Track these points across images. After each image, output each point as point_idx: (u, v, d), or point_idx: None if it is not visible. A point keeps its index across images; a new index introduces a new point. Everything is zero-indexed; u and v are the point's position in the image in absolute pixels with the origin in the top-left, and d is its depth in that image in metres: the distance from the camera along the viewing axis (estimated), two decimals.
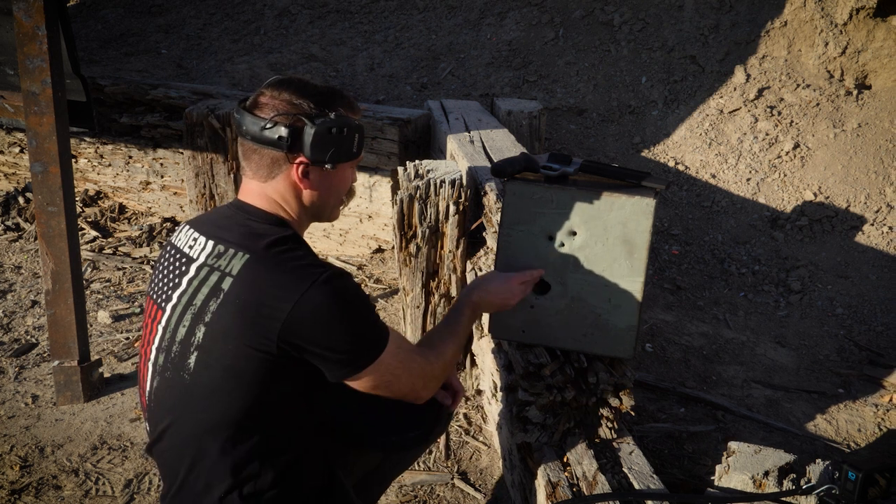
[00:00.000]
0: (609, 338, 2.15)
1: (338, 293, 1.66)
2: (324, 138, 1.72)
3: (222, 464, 1.69)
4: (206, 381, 1.69)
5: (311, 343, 1.64)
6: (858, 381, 3.69)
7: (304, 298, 1.61)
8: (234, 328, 1.65)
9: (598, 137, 5.63)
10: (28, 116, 3.21)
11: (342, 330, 1.66)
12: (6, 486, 2.81)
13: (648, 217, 2.05)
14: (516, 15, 6.47)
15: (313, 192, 1.80)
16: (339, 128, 1.73)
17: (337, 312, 1.65)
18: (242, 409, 1.68)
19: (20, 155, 5.71)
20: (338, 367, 1.70)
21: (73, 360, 3.34)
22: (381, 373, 1.74)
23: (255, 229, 1.75)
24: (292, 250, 1.72)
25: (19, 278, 4.57)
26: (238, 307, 1.66)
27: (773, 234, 4.87)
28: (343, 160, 1.79)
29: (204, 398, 1.70)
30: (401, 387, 1.82)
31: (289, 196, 1.80)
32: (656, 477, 2.07)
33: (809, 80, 5.60)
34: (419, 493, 2.79)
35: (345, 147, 1.76)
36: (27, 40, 3.14)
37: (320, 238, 4.99)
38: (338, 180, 1.84)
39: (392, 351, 1.75)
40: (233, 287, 1.67)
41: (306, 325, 1.62)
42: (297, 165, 1.75)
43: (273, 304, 1.62)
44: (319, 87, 1.81)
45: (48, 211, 3.27)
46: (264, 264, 1.68)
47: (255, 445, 1.70)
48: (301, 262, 1.69)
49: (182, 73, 6.45)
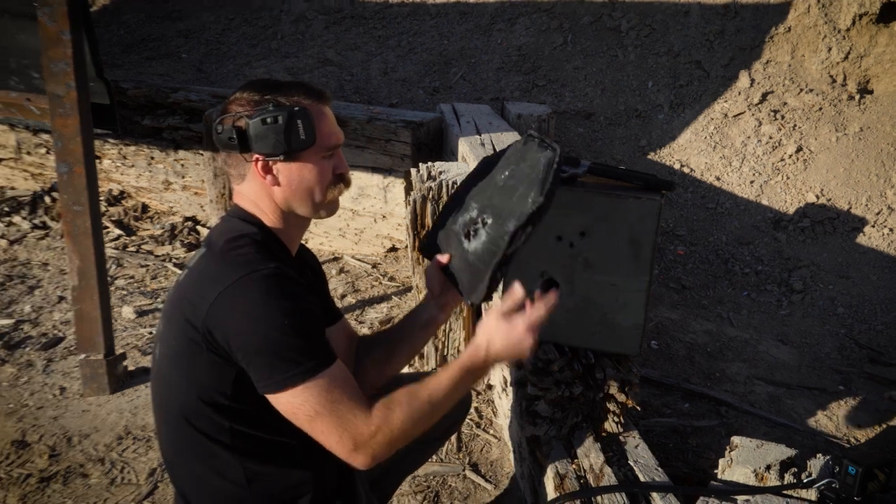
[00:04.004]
0: (616, 335, 2.16)
1: (268, 291, 1.56)
2: (262, 130, 1.63)
3: (194, 453, 1.70)
4: (163, 371, 1.73)
5: (228, 334, 1.55)
6: (859, 378, 3.68)
7: (231, 288, 1.56)
8: (174, 315, 1.67)
9: (605, 140, 5.63)
10: (53, 118, 3.23)
11: (261, 330, 1.54)
12: (35, 474, 2.84)
13: (654, 218, 2.05)
14: (526, 21, 6.47)
15: (281, 188, 1.71)
16: (274, 116, 1.62)
17: (261, 310, 1.55)
18: (190, 400, 1.65)
19: (46, 156, 5.75)
20: (256, 374, 1.58)
21: (99, 353, 3.37)
22: (299, 402, 1.56)
23: (227, 227, 1.73)
24: (242, 247, 1.65)
25: (46, 275, 4.61)
26: (178, 296, 1.67)
27: (775, 235, 4.86)
28: (295, 148, 1.66)
29: (162, 387, 1.74)
30: (323, 433, 1.59)
31: (261, 195, 1.74)
32: (661, 470, 2.07)
33: (812, 84, 5.59)
34: (432, 484, 2.80)
35: (291, 135, 1.64)
36: (52, 44, 3.16)
37: (336, 237, 5.01)
38: (305, 172, 1.71)
39: (323, 385, 1.56)
40: (183, 279, 1.70)
41: (226, 315, 1.56)
42: (255, 162, 1.69)
43: (202, 293, 1.59)
44: (269, 82, 1.73)
45: (74, 210, 3.29)
46: (212, 258, 1.66)
47: (226, 437, 1.67)
48: (244, 257, 1.62)
49: (202, 76, 6.48)
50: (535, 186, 1.73)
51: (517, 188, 1.78)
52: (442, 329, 3.40)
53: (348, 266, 4.80)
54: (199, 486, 1.74)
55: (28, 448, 3.00)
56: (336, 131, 1.75)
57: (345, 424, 1.58)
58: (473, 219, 1.86)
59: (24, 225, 5.28)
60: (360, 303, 4.30)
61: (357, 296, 4.39)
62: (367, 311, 4.20)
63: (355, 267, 4.78)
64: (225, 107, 1.71)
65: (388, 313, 4.14)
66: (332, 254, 4.96)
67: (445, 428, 2.32)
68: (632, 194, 2.06)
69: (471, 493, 2.77)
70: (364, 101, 6.00)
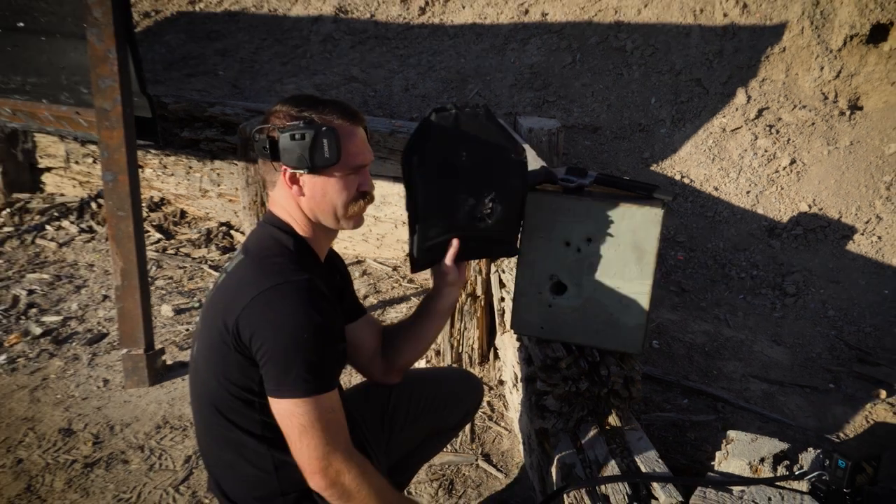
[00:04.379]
0: (620, 334, 2.15)
1: (295, 304, 1.57)
2: (289, 144, 1.63)
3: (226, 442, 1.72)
4: (199, 366, 1.73)
5: (253, 337, 1.57)
6: (848, 377, 3.65)
7: (263, 294, 1.57)
8: (209, 315, 1.68)
9: (611, 153, 5.61)
10: (100, 130, 3.26)
11: (281, 339, 1.55)
12: (80, 460, 2.86)
13: (657, 225, 2.04)
14: (537, 41, 6.46)
15: (306, 198, 1.71)
16: (301, 133, 1.62)
17: (286, 321, 1.55)
18: (222, 395, 1.66)
19: (93, 165, 5.79)
20: (266, 376, 1.59)
21: (140, 348, 3.39)
22: (298, 412, 1.57)
23: (263, 235, 1.74)
24: (276, 256, 1.67)
25: (92, 275, 4.64)
26: (215, 298, 1.69)
27: (770, 242, 4.83)
28: (319, 165, 1.65)
29: (198, 381, 1.75)
30: (306, 447, 1.59)
31: (290, 204, 1.74)
32: (661, 462, 2.06)
33: (806, 101, 5.55)
34: (447, 472, 2.80)
35: (315, 152, 1.63)
36: (99, 62, 3.18)
37: (359, 242, 5.01)
38: (328, 187, 1.69)
39: (323, 405, 1.58)
40: (220, 282, 1.72)
41: (255, 319, 1.56)
42: (283, 173, 1.69)
43: (236, 298, 1.60)
44: (308, 98, 1.73)
45: (118, 215, 3.31)
46: (249, 265, 1.67)
47: (256, 428, 1.68)
48: (278, 266, 1.63)
49: (237, 92, 6.51)
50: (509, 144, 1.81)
51: (490, 159, 1.91)
52: (457, 328, 3.40)
53: (371, 269, 4.80)
54: (231, 473, 1.75)
55: (74, 436, 3.03)
56: (363, 151, 1.73)
57: (326, 447, 1.59)
58: (475, 205, 1.94)
59: (72, 229, 5.32)
60: (382, 303, 4.30)
61: (378, 296, 4.39)
62: (388, 310, 4.20)
63: (377, 269, 4.78)
64: (266, 117, 1.72)
65: (407, 313, 4.14)
66: (355, 257, 4.97)
67: (459, 419, 2.32)
68: (636, 203, 2.05)
69: (483, 482, 2.76)
70: (387, 116, 6.01)
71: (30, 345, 3.74)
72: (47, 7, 3.70)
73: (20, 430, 3.05)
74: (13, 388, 3.37)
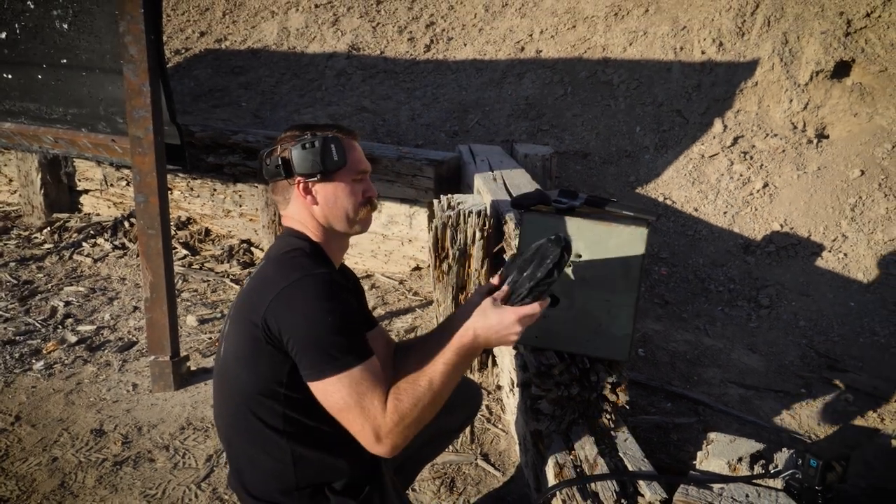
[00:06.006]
0: (608, 343, 2.13)
1: (318, 292, 1.57)
2: (302, 154, 1.70)
3: (250, 436, 1.69)
4: (228, 365, 1.71)
5: (282, 327, 1.55)
6: (818, 382, 3.61)
7: (288, 287, 1.57)
8: (237, 316, 1.68)
9: (599, 177, 5.61)
10: (133, 156, 3.27)
11: (309, 325, 1.54)
12: (110, 459, 2.84)
13: (642, 243, 2.03)
14: (532, 75, 6.48)
15: (319, 206, 1.75)
16: (311, 142, 1.70)
17: (311, 309, 1.55)
18: (251, 390, 1.65)
19: (126, 187, 5.81)
20: (302, 363, 1.57)
21: (166, 355, 3.38)
22: (332, 391, 1.55)
23: (283, 243, 1.76)
24: (298, 256, 1.68)
25: (124, 288, 4.63)
26: (242, 300, 1.69)
27: (745, 258, 4.81)
28: (330, 168, 1.71)
29: (226, 379, 1.73)
30: (350, 423, 1.57)
31: (305, 215, 1.77)
32: (647, 461, 2.04)
33: (777, 130, 5.55)
34: (448, 471, 2.77)
35: (325, 157, 1.70)
36: (134, 95, 3.20)
37: (368, 257, 5.00)
38: (339, 191, 1.75)
39: (355, 378, 1.54)
40: (246, 286, 1.72)
41: (282, 310, 1.56)
42: (297, 185, 1.74)
43: (263, 293, 1.60)
44: (307, 123, 1.80)
45: (148, 233, 3.31)
46: (271, 265, 1.69)
47: (279, 423, 1.66)
48: (299, 262, 1.65)
49: (258, 121, 6.53)
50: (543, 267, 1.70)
51: None
52: None
53: (378, 282, 4.79)
54: (252, 465, 1.73)
55: (104, 436, 3.00)
56: (363, 159, 1.81)
57: (367, 417, 1.55)
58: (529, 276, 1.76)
59: (106, 246, 5.32)
60: (389, 314, 4.28)
61: (386, 308, 4.38)
62: (395, 321, 4.18)
63: (384, 283, 4.77)
64: (273, 146, 1.77)
65: (412, 323, 4.12)
66: (364, 272, 4.95)
67: (461, 422, 2.30)
68: (622, 223, 2.05)
69: (482, 479, 2.74)
70: (394, 143, 6.01)
71: (66, 352, 3.73)
72: (88, 45, 3.72)
73: (55, 431, 3.03)
74: (50, 391, 3.35)
